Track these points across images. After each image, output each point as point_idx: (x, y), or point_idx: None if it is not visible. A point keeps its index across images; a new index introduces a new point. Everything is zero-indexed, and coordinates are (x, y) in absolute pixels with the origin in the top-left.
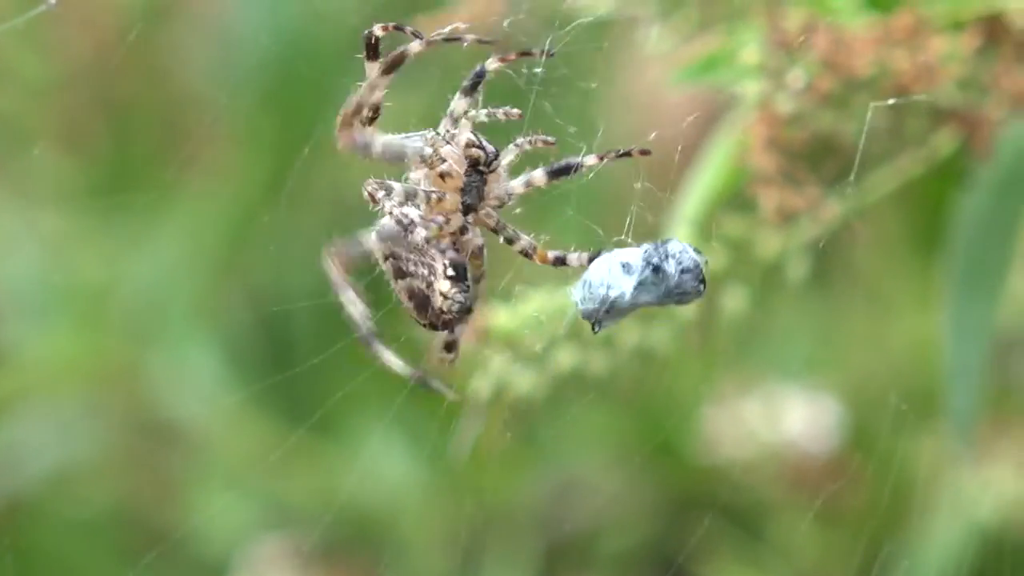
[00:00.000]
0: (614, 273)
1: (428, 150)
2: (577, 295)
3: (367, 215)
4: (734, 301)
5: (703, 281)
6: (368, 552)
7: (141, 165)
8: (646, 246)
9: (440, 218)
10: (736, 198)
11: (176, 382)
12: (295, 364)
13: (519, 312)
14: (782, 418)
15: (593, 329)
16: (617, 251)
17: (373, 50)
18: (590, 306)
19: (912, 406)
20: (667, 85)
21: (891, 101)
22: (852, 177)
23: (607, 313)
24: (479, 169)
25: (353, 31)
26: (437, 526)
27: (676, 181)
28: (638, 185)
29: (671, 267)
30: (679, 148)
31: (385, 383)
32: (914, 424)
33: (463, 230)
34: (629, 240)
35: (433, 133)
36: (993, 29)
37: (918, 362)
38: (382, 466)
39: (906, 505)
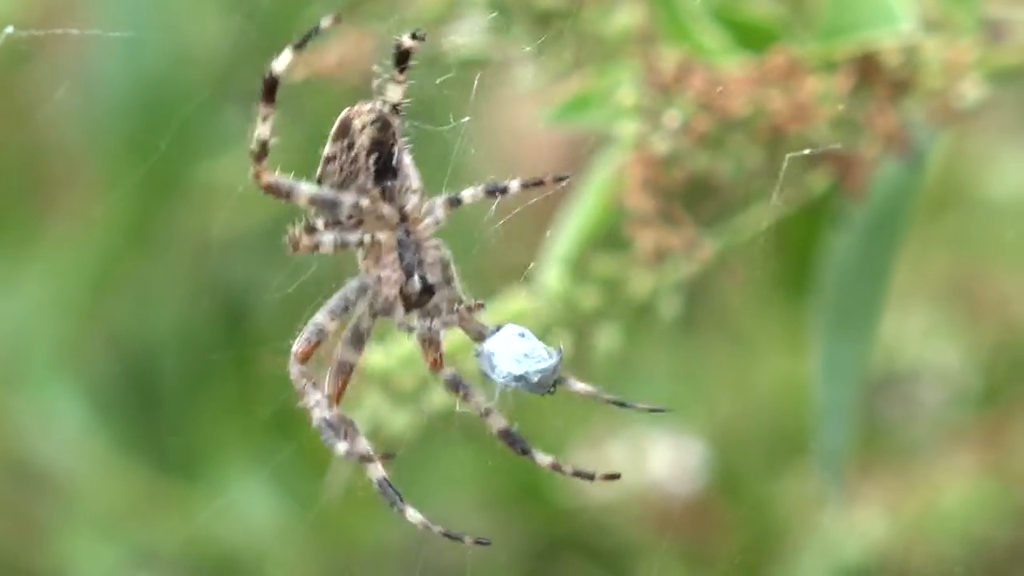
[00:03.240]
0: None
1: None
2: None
3: (232, 258)
4: (606, 340)
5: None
6: None
7: (3, 209)
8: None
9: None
10: (608, 236)
11: (41, 427)
12: (160, 408)
13: (393, 352)
14: (647, 460)
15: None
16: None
17: (271, 91)
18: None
19: (778, 448)
20: (539, 123)
21: (807, 151)
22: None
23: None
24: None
25: (218, 73)
26: (304, 569)
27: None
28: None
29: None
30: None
31: (253, 426)
32: (780, 466)
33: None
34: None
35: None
36: (866, 69)
37: (783, 404)
38: (249, 509)
39: (773, 546)
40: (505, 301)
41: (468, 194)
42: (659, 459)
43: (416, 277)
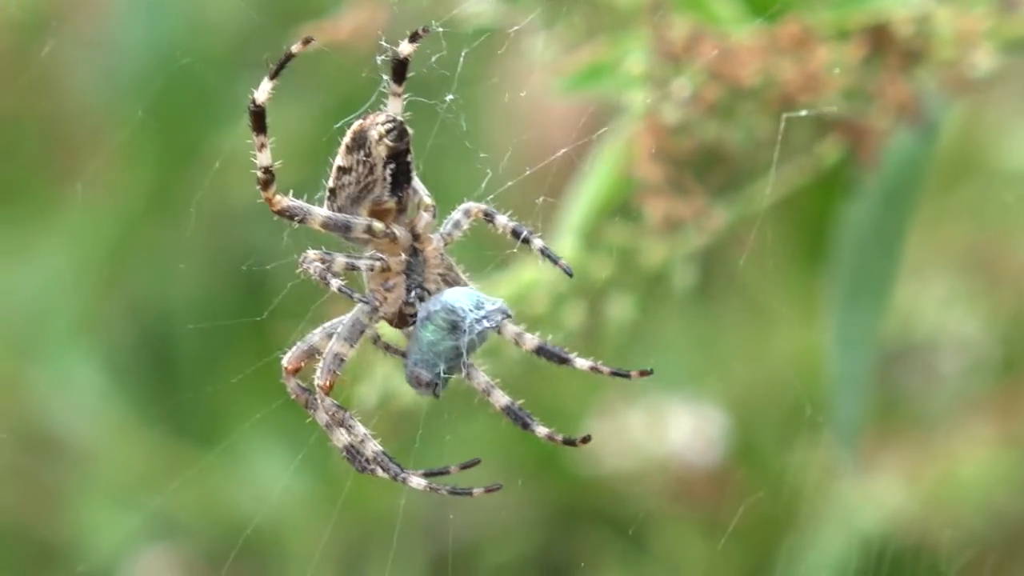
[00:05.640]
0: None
1: (379, 225)
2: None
3: (251, 225)
4: (620, 310)
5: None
6: (252, 562)
7: (23, 178)
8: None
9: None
10: (622, 207)
11: (59, 395)
12: (178, 376)
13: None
14: (666, 429)
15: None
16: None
17: (260, 121)
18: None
19: (795, 417)
20: (551, 94)
21: (803, 112)
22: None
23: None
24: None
25: (237, 41)
26: (321, 536)
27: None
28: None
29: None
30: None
31: (269, 396)
32: (797, 435)
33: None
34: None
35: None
36: (879, 38)
37: (801, 373)
38: (266, 477)
39: (791, 516)
40: (517, 271)
41: (501, 221)
42: (678, 428)
43: (416, 300)
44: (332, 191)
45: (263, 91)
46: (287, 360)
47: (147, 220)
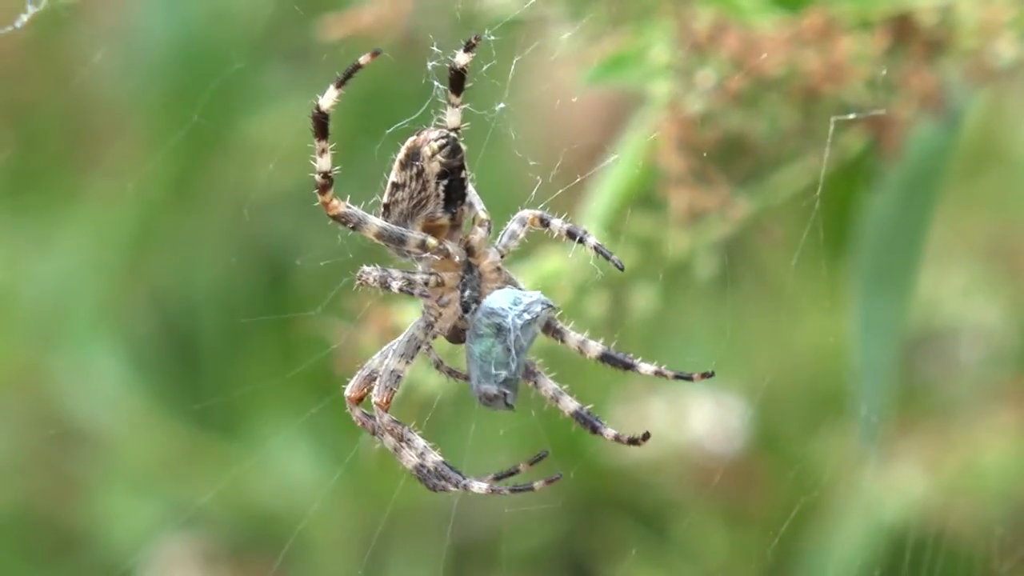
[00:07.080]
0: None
1: (432, 241)
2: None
3: (272, 214)
4: (643, 299)
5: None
6: (273, 552)
7: (45, 167)
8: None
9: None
10: (646, 197)
11: (80, 384)
12: (200, 366)
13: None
14: (688, 418)
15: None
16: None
17: (322, 127)
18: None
19: (818, 407)
20: (576, 85)
21: (851, 116)
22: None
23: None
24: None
25: (259, 29)
26: (342, 526)
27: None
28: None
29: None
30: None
31: (292, 385)
32: (820, 424)
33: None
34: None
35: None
36: (902, 28)
37: (824, 363)
38: (288, 466)
39: (812, 505)
40: (541, 261)
41: (556, 224)
42: (700, 418)
43: (471, 316)
44: (386, 207)
45: (328, 99)
46: (350, 389)
47: (169, 209)
